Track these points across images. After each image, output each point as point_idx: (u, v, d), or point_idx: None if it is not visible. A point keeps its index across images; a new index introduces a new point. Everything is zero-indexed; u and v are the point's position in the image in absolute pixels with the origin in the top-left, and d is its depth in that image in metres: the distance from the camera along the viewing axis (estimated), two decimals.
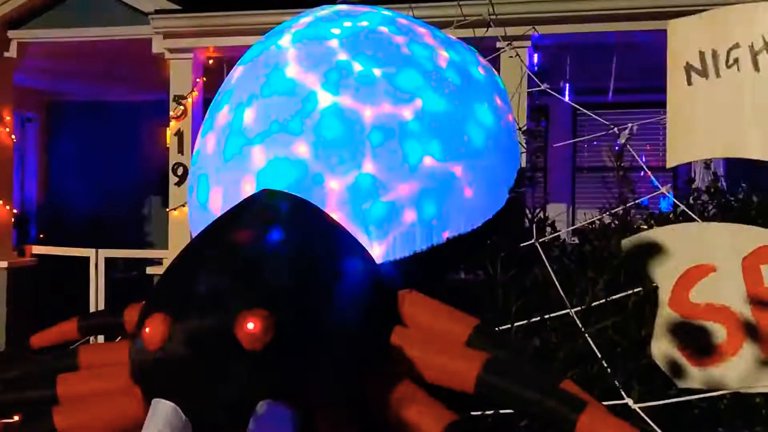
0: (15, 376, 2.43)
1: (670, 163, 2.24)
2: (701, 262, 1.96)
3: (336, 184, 2.33)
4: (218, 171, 2.59)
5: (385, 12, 2.94)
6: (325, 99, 2.46)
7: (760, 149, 2.00)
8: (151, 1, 6.72)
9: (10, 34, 7.20)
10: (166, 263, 6.71)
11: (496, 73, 3.02)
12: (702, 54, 2.08)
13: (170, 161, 6.72)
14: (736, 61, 2.05)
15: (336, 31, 2.69)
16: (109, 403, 2.05)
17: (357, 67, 2.53)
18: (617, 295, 2.43)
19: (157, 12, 6.59)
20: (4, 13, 7.08)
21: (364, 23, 2.77)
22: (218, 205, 2.53)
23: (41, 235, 9.40)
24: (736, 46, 2.05)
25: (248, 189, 2.45)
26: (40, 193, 10.18)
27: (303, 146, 2.39)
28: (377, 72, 2.51)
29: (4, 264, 7.13)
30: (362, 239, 2.30)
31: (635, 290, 2.39)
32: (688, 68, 2.11)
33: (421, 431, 1.85)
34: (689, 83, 2.12)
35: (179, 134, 6.67)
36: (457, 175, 2.44)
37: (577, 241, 3.44)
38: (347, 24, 2.74)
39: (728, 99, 2.06)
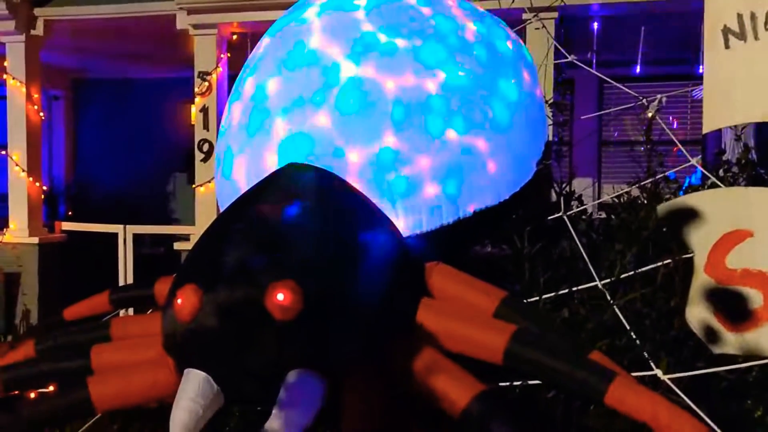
0: (50, 348, 2.49)
1: (707, 128, 2.19)
2: (738, 227, 1.93)
3: (357, 157, 2.33)
4: (242, 143, 2.61)
5: None
6: (348, 70, 2.46)
7: None
8: None
9: (37, 11, 7.24)
10: (194, 239, 6.78)
11: (524, 45, 2.98)
12: (740, 16, 2.02)
13: (196, 138, 6.75)
14: None
15: (361, 2, 2.68)
16: (142, 374, 2.09)
17: (382, 38, 2.52)
18: (646, 267, 2.42)
19: None
20: None
21: None
22: (242, 176, 2.56)
23: (70, 212, 9.52)
24: None
25: (270, 160, 2.46)
26: (68, 171, 10.29)
27: (324, 118, 2.40)
28: (401, 44, 2.50)
29: (35, 240, 7.25)
30: (388, 212, 2.31)
31: (664, 262, 2.37)
32: (726, 31, 2.05)
33: (449, 400, 1.86)
34: (727, 47, 2.06)
35: (204, 110, 6.68)
36: (482, 149, 2.42)
37: (603, 215, 3.42)
38: None
39: (766, 62, 2.01)
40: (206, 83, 6.64)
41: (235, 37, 6.81)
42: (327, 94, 2.43)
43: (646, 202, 3.03)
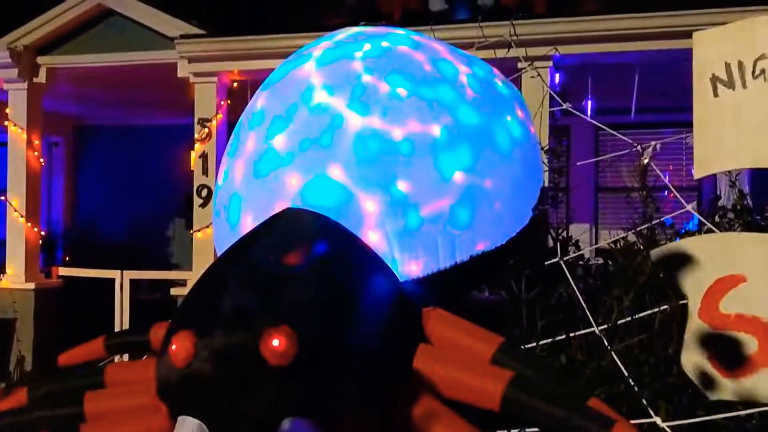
0: (43, 394, 2.46)
1: (698, 174, 2.22)
2: (731, 272, 1.93)
3: (370, 204, 2.34)
4: (251, 194, 2.60)
5: (406, 33, 2.97)
6: (353, 121, 2.48)
7: None
8: (175, 27, 6.85)
9: (40, 60, 7.36)
10: (190, 284, 6.74)
11: (521, 95, 3.02)
12: (728, 65, 2.07)
13: (195, 183, 6.79)
14: (762, 71, 2.03)
15: (359, 53, 2.72)
16: (135, 420, 2.06)
17: (383, 87, 2.55)
18: (643, 313, 2.41)
19: (182, 37, 6.70)
20: (33, 40, 7.25)
21: (386, 44, 2.79)
22: (249, 226, 2.55)
23: (67, 258, 9.51)
24: (763, 57, 2.04)
25: (274, 204, 2.47)
26: (67, 216, 10.32)
27: (337, 169, 2.41)
28: (402, 91, 2.53)
29: (31, 285, 7.23)
30: (388, 256, 2.31)
31: (661, 308, 2.37)
32: (714, 79, 2.10)
33: None
34: (715, 95, 2.10)
35: (204, 156, 6.74)
36: (479, 194, 2.44)
37: (601, 262, 3.42)
38: (369, 45, 2.77)
39: (756, 109, 2.04)
40: (206, 130, 6.72)
41: (235, 84, 6.91)
42: (336, 144, 2.45)
43: (642, 248, 3.04)
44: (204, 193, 6.72)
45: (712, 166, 2.22)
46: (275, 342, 1.77)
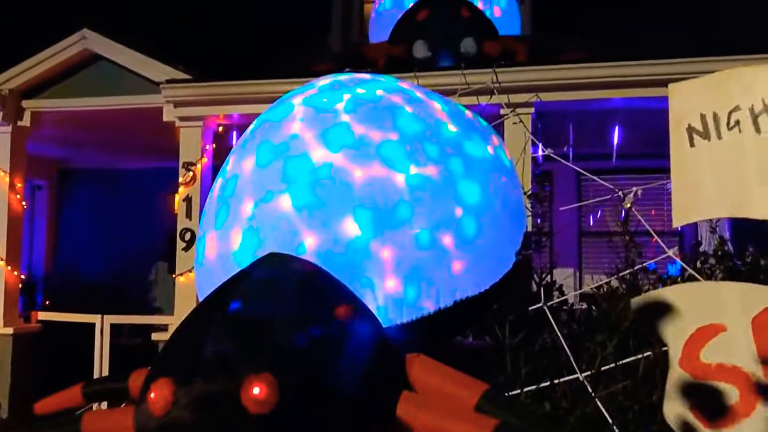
0: None
1: (676, 222, 2.24)
2: (711, 321, 1.94)
3: (314, 243, 2.34)
4: (210, 229, 2.62)
5: (391, 80, 3.01)
6: (319, 156, 2.49)
7: (764, 209, 2.01)
8: (162, 71, 6.90)
9: (25, 103, 7.37)
10: (172, 329, 6.68)
11: (503, 145, 3.05)
12: (703, 116, 2.11)
13: (178, 227, 6.76)
14: (737, 123, 2.08)
15: (340, 103, 2.74)
16: None
17: (374, 135, 2.57)
18: (627, 360, 2.41)
19: (168, 82, 6.75)
20: (19, 84, 7.26)
21: (370, 91, 2.83)
22: (213, 258, 2.56)
23: (47, 302, 9.38)
24: (737, 108, 2.09)
25: (236, 240, 2.47)
26: (48, 260, 10.21)
27: (288, 203, 2.41)
28: (389, 136, 2.55)
29: (9, 330, 7.10)
30: (368, 302, 2.30)
31: (645, 354, 2.37)
32: (690, 130, 2.14)
33: None
34: (692, 145, 2.14)
35: (188, 200, 6.73)
36: (462, 240, 2.44)
37: (584, 306, 3.42)
38: (351, 94, 2.80)
39: (731, 160, 2.08)
40: (191, 173, 6.72)
41: (220, 128, 6.94)
42: (294, 183, 2.46)
43: (625, 293, 3.05)
44: (187, 236, 6.69)
45: (690, 215, 2.25)
46: (256, 390, 1.75)
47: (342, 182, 2.44)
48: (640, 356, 2.37)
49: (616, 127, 6.21)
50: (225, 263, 2.46)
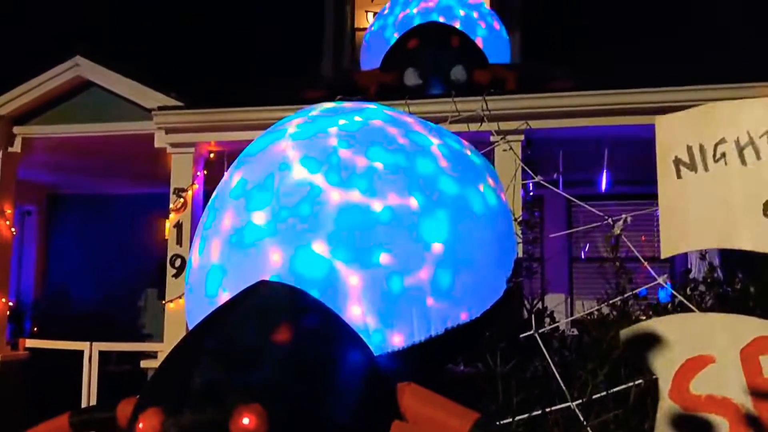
0: None
1: (665, 253, 2.26)
2: (700, 352, 1.95)
3: (352, 278, 2.33)
4: (232, 265, 2.58)
5: (380, 108, 3.03)
6: (332, 195, 2.49)
7: (752, 240, 2.03)
8: (154, 98, 6.91)
9: (16, 129, 7.36)
10: (161, 357, 6.61)
11: (493, 169, 3.07)
12: (690, 148, 2.14)
13: (168, 253, 6.73)
14: (723, 155, 2.11)
15: (333, 128, 2.76)
16: None
17: (359, 161, 2.58)
18: (618, 388, 2.40)
19: (159, 108, 6.76)
20: (10, 111, 7.25)
21: (359, 118, 2.85)
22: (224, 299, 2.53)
23: (35, 329, 9.29)
24: (722, 141, 2.12)
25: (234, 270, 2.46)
26: (37, 286, 10.13)
27: (316, 242, 2.40)
28: (378, 164, 2.56)
29: None
30: (364, 330, 2.29)
31: (636, 382, 2.36)
32: (677, 162, 2.17)
33: None
34: (679, 176, 2.17)
35: (179, 226, 6.71)
36: (450, 267, 2.44)
37: (576, 332, 3.43)
38: (345, 120, 2.82)
39: (718, 192, 2.11)
40: (182, 200, 6.71)
41: (212, 155, 6.95)
42: (314, 218, 2.45)
43: (616, 320, 3.05)
44: (177, 263, 6.65)
45: (678, 246, 2.27)
46: (245, 420, 1.74)
47: (355, 215, 2.44)
48: (631, 384, 2.36)
49: (606, 154, 6.25)
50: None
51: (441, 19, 7.03)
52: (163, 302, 6.70)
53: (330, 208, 2.46)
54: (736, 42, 8.99)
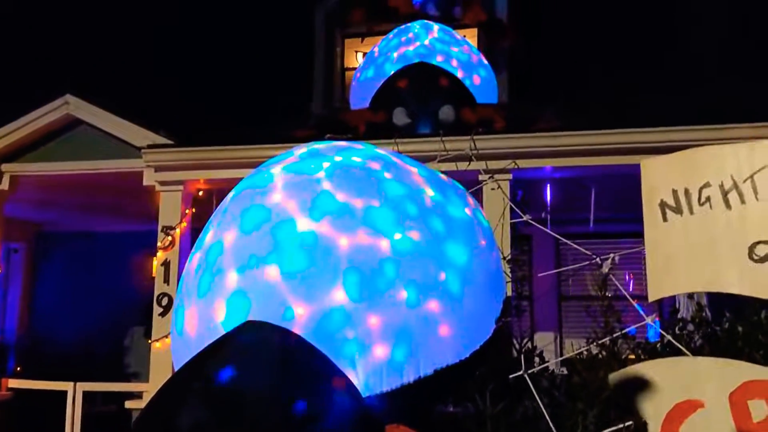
0: None
1: (652, 297, 2.28)
2: (689, 397, 1.94)
3: (309, 314, 2.32)
4: (192, 298, 2.59)
5: (370, 148, 3.05)
6: (303, 225, 2.50)
7: (738, 284, 2.05)
8: (143, 136, 6.93)
9: (4, 167, 7.34)
10: (147, 397, 6.51)
11: (480, 208, 3.09)
12: (675, 192, 2.17)
13: (155, 291, 6.68)
14: (708, 199, 2.14)
15: (320, 171, 2.77)
16: None
17: (339, 197, 2.60)
18: (608, 430, 2.39)
19: (149, 146, 6.78)
20: None
21: (349, 159, 2.86)
22: (193, 330, 2.52)
23: (18, 368, 9.15)
24: (707, 185, 2.15)
25: (220, 313, 2.44)
26: (21, 324, 10.00)
27: (275, 274, 2.40)
28: (358, 204, 2.58)
29: None
30: (348, 371, 2.27)
31: (626, 424, 2.35)
32: (663, 205, 2.20)
33: None
34: (665, 219, 2.20)
35: (166, 264, 6.67)
36: (438, 310, 2.44)
37: (565, 372, 3.41)
38: (332, 160, 2.83)
39: (704, 235, 2.13)
40: (169, 238, 6.68)
41: (200, 193, 6.95)
42: (280, 251, 2.46)
43: (605, 360, 3.04)
44: (164, 301, 6.61)
45: (665, 289, 2.28)
46: None
47: (326, 249, 2.44)
48: (621, 426, 2.35)
49: (593, 193, 6.30)
50: (209, 334, 2.42)
51: (430, 60, 7.13)
52: (150, 341, 6.63)
53: (296, 241, 2.46)
54: (720, 80, 9.15)
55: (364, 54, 8.28)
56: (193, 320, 2.56)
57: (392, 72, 7.15)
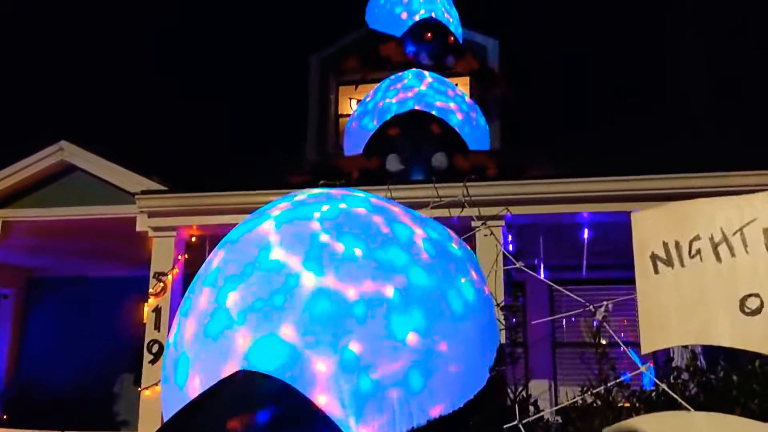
0: None
1: (644, 350, 2.27)
2: None
3: (321, 365, 2.30)
4: (199, 353, 2.54)
5: (363, 195, 3.07)
6: (308, 280, 2.49)
7: (730, 337, 2.04)
8: (137, 182, 6.94)
9: None
10: None
11: (474, 257, 3.09)
12: (666, 244, 2.18)
13: (146, 338, 6.60)
14: (698, 251, 2.14)
15: (317, 214, 2.79)
16: None
17: (338, 247, 2.60)
18: None
19: (143, 192, 6.78)
20: None
21: (343, 205, 2.87)
22: (197, 388, 2.47)
23: (5, 416, 8.98)
24: (697, 237, 2.16)
25: (231, 370, 2.40)
26: (10, 371, 9.85)
27: (288, 328, 2.39)
28: (358, 251, 2.58)
29: None
30: (346, 421, 2.25)
31: None
32: (654, 258, 2.20)
33: None
34: (656, 272, 2.20)
35: (157, 311, 6.61)
36: (432, 357, 2.42)
37: (560, 421, 3.37)
38: (327, 207, 2.85)
39: (695, 288, 2.13)
40: (161, 284, 6.64)
41: (193, 239, 6.93)
42: (289, 304, 2.44)
43: (600, 409, 3.02)
44: (155, 348, 6.53)
45: (657, 342, 2.28)
46: None
47: (330, 302, 2.43)
48: None
49: (586, 239, 6.31)
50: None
51: (422, 108, 7.22)
52: (139, 389, 6.53)
53: (304, 295, 2.45)
54: (709, 128, 9.28)
55: (358, 101, 8.38)
56: (197, 377, 2.50)
57: (385, 119, 7.22)
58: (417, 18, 8.25)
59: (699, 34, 10.60)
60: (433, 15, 8.26)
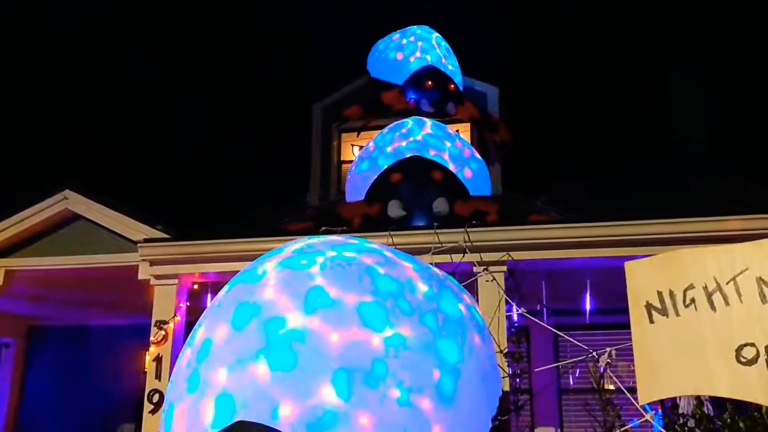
0: None
1: (642, 400, 2.25)
2: None
3: (290, 411, 2.28)
4: (180, 396, 2.55)
5: (364, 242, 3.07)
6: (294, 322, 2.48)
7: (728, 388, 2.02)
8: (140, 231, 6.96)
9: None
10: None
11: (475, 304, 3.07)
12: (660, 294, 2.17)
13: (146, 387, 6.53)
14: (692, 300, 2.13)
15: (314, 266, 2.78)
16: None
17: (332, 292, 2.59)
18: None
19: (146, 240, 6.78)
20: None
21: (343, 254, 2.88)
22: (182, 430, 2.46)
23: None
24: (691, 287, 2.15)
25: (208, 411, 2.39)
26: (10, 419, 9.73)
27: (263, 369, 2.37)
28: (350, 300, 2.57)
29: None
30: None
31: None
32: (649, 307, 2.19)
33: None
34: (651, 321, 2.19)
35: (158, 359, 6.55)
36: (427, 411, 2.39)
37: None
38: (325, 256, 2.85)
39: (690, 337, 2.12)
40: (162, 332, 6.60)
41: (195, 286, 6.91)
42: (270, 348, 2.43)
43: None
44: (155, 398, 6.45)
45: (654, 392, 2.25)
46: None
47: (318, 346, 2.42)
48: None
49: (588, 284, 6.28)
50: None
51: (423, 154, 7.27)
52: None
53: (288, 339, 2.44)
54: (709, 173, 9.32)
55: (360, 148, 8.45)
56: (182, 421, 2.51)
57: (387, 165, 7.27)
58: (412, 59, 8.40)
59: (696, 75, 10.74)
60: (428, 58, 8.38)
